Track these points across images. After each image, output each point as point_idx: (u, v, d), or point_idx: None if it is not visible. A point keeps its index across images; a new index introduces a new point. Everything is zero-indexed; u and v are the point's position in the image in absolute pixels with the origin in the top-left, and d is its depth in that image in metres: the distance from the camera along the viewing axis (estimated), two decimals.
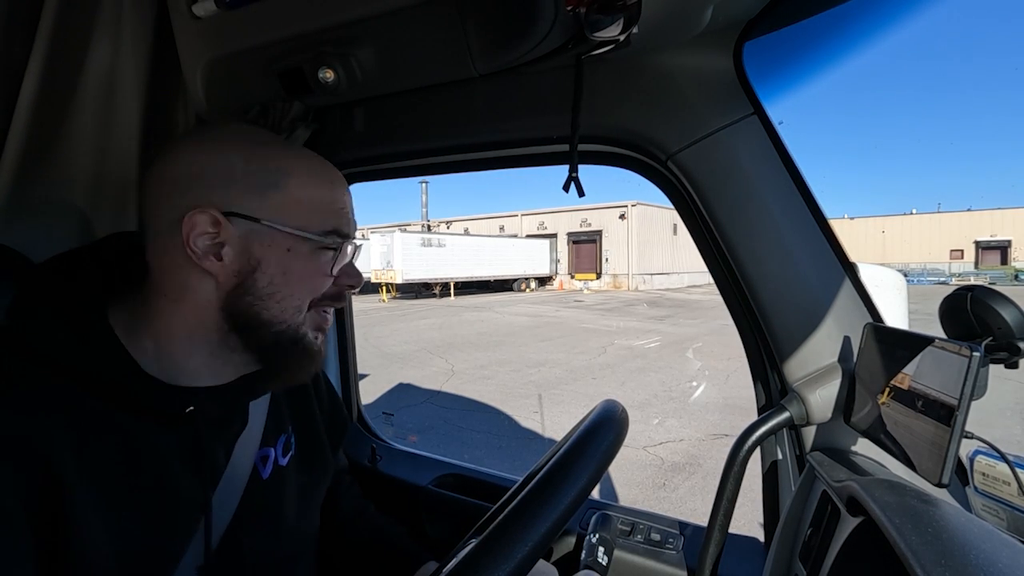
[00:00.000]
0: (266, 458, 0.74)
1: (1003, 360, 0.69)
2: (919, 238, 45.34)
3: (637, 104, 0.91)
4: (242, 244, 0.62)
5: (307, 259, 0.64)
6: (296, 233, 0.63)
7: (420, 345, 10.47)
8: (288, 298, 0.64)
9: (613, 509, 1.16)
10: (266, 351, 0.65)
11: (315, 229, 0.64)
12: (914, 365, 0.68)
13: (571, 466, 0.56)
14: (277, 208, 0.63)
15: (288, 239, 0.63)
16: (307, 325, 0.67)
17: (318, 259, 0.65)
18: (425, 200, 35.60)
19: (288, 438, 0.79)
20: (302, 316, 0.66)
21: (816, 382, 0.85)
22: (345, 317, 1.45)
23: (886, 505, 0.61)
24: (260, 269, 0.62)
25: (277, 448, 0.76)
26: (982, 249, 41.78)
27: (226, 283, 0.62)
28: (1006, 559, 0.51)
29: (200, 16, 0.96)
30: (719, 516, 0.86)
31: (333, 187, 0.67)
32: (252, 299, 0.63)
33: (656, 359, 8.76)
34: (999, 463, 0.74)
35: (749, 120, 0.87)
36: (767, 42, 0.86)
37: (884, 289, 0.90)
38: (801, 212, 0.87)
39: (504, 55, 0.86)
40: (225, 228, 0.61)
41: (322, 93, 0.94)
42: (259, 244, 0.62)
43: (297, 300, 0.65)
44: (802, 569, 0.80)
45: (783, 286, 0.88)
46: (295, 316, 0.65)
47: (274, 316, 0.64)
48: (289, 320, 0.65)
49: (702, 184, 0.89)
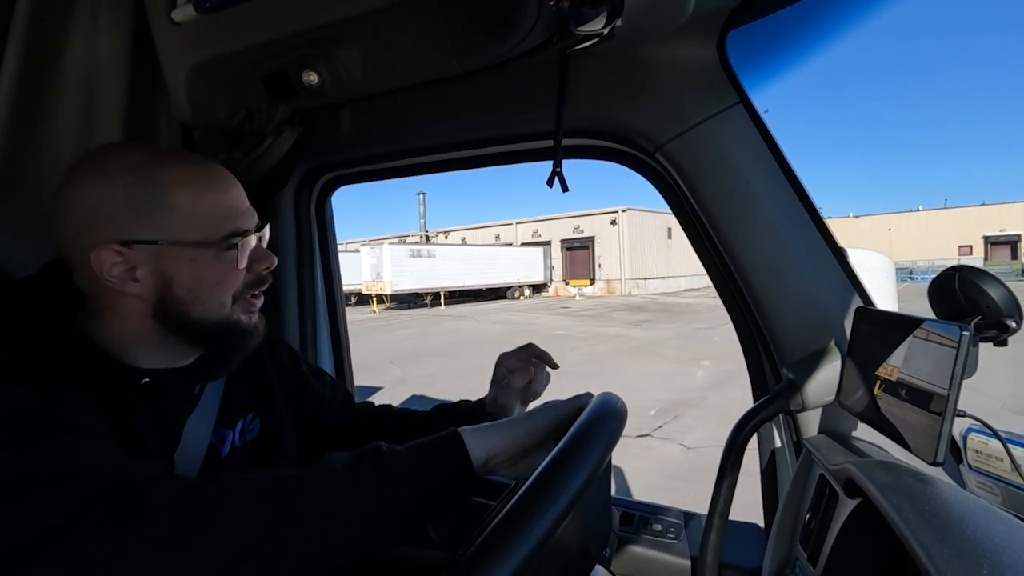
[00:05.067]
0: (224, 439, 0.79)
1: (992, 338, 0.70)
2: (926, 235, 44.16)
3: (624, 97, 0.91)
4: (151, 264, 0.66)
5: (213, 263, 0.69)
6: (195, 244, 0.67)
7: (387, 356, 10.59)
8: (209, 299, 0.69)
9: (614, 501, 1.17)
10: (205, 341, 0.72)
11: (212, 236, 0.68)
12: (905, 347, 0.68)
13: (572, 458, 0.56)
14: (170, 227, 0.66)
15: (190, 250, 0.67)
16: (237, 313, 0.73)
17: (224, 260, 0.69)
18: (423, 211, 35.74)
19: (246, 423, 0.83)
20: (228, 309, 0.71)
21: (810, 367, 0.85)
22: (340, 324, 1.44)
23: (883, 486, 0.62)
24: (175, 282, 0.68)
25: (235, 431, 0.80)
26: (991, 244, 40.49)
27: (149, 299, 0.68)
28: (1002, 533, 0.51)
29: (179, 22, 0.95)
30: (719, 504, 0.86)
31: (217, 190, 0.70)
32: (177, 307, 0.68)
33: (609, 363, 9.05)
34: (991, 440, 0.75)
35: (735, 109, 0.87)
36: (750, 31, 0.87)
37: (873, 272, 0.90)
38: (789, 199, 0.88)
39: (489, 51, 0.86)
40: (130, 255, 0.66)
41: (307, 95, 0.93)
42: (166, 261, 0.67)
43: (218, 299, 0.70)
44: (802, 552, 0.81)
45: (774, 273, 0.88)
46: (221, 311, 0.71)
47: (201, 316, 0.69)
48: (217, 315, 0.70)
49: (690, 174, 0.90)
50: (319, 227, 1.37)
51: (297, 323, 1.31)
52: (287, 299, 1.30)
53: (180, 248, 0.67)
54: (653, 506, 1.15)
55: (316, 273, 1.37)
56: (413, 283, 23.33)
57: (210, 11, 0.93)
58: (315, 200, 1.34)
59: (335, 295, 1.42)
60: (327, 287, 1.40)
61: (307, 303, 1.32)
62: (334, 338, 1.43)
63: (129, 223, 0.65)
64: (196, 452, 0.75)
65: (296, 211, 1.29)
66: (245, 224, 0.72)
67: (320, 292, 1.38)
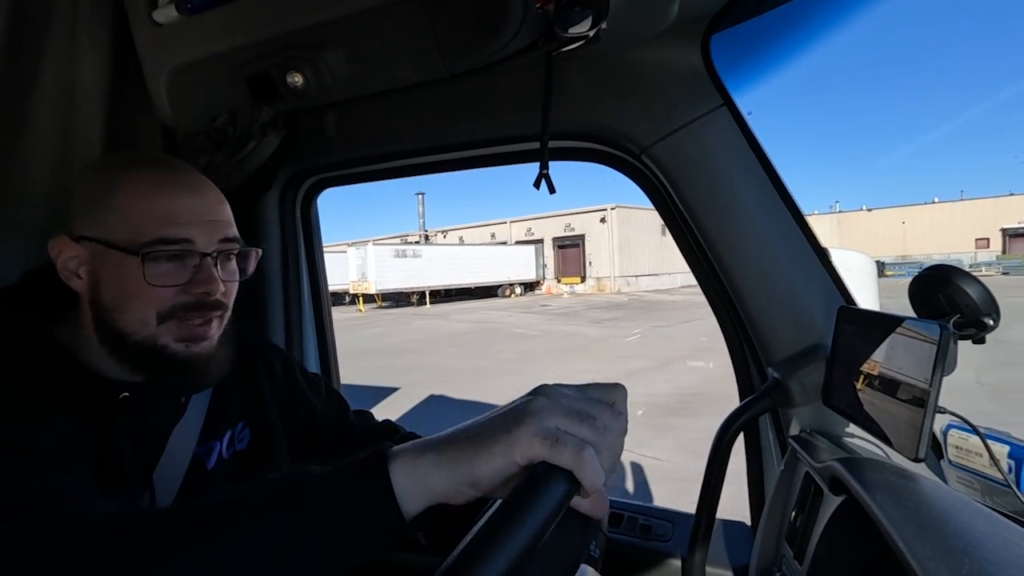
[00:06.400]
0: (211, 451, 0.76)
1: (971, 336, 0.71)
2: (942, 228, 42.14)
3: (609, 99, 0.92)
4: (91, 264, 0.65)
5: (135, 273, 0.63)
6: (120, 247, 0.63)
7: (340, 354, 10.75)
8: (128, 312, 0.64)
9: None
10: (131, 361, 0.67)
11: (138, 241, 0.63)
12: (887, 345, 0.70)
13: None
14: (106, 226, 0.64)
15: (116, 254, 0.63)
16: (165, 336, 0.66)
17: (150, 271, 0.63)
18: (422, 211, 35.73)
19: (235, 433, 0.80)
20: (152, 328, 0.65)
21: (794, 366, 0.87)
22: (326, 327, 1.43)
23: (867, 482, 0.63)
24: (102, 286, 0.65)
25: (223, 442, 0.78)
26: (1009, 236, 37.91)
27: (87, 300, 0.66)
28: (982, 528, 0.52)
29: (161, 23, 0.94)
30: (707, 503, 0.87)
31: (165, 194, 0.65)
32: (104, 314, 0.65)
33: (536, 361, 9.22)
34: (971, 436, 0.76)
35: (719, 112, 0.88)
36: (733, 35, 0.88)
37: (855, 272, 0.92)
38: (773, 200, 0.89)
39: (474, 54, 0.86)
40: (79, 250, 0.65)
41: (291, 98, 0.92)
42: (99, 261, 0.65)
43: (138, 313, 0.64)
44: (789, 550, 0.82)
45: (758, 273, 0.89)
46: (143, 328, 0.65)
47: (124, 330, 0.65)
48: (140, 332, 0.65)
49: (676, 176, 0.90)
50: (305, 230, 1.36)
51: (283, 326, 1.30)
52: (273, 303, 1.28)
53: (108, 250, 0.63)
54: (642, 506, 1.16)
55: (302, 276, 1.36)
56: (398, 283, 23.64)
57: (192, 12, 0.91)
58: (300, 203, 1.32)
59: (321, 297, 1.41)
60: (313, 289, 1.39)
61: (293, 307, 1.31)
62: (320, 341, 1.42)
63: (80, 216, 0.65)
64: (178, 465, 0.72)
65: (281, 214, 1.28)
66: (181, 233, 0.64)
67: (306, 295, 1.37)
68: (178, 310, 0.66)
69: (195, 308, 0.67)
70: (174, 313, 0.66)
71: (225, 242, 0.69)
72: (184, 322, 0.67)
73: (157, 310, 0.65)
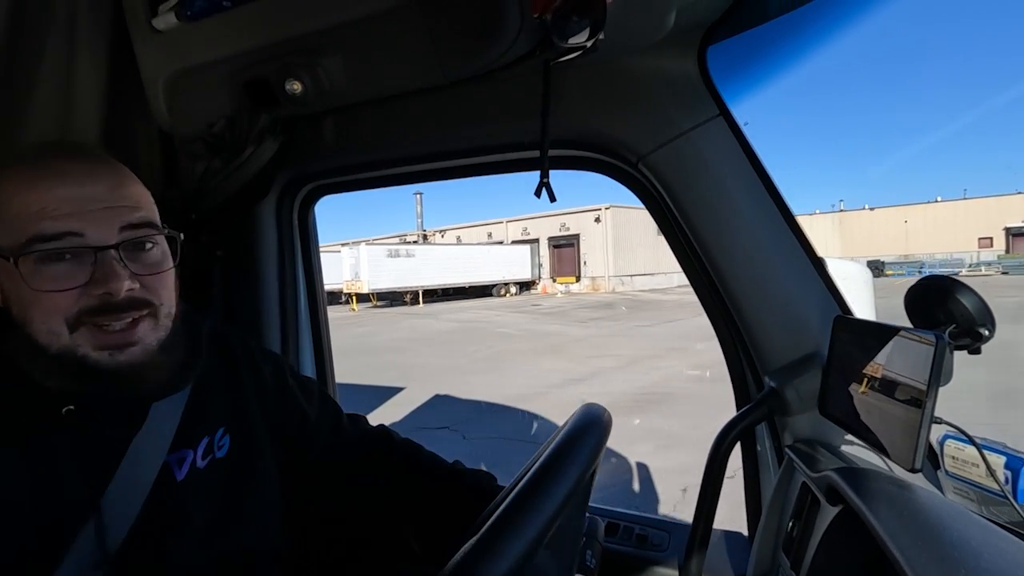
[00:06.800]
0: (183, 460, 0.71)
1: (966, 346, 0.71)
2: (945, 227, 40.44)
3: (606, 108, 0.92)
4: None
5: (24, 280, 0.57)
6: (3, 254, 0.57)
7: None
8: (33, 323, 0.59)
9: (598, 511, 1.16)
10: (58, 375, 0.61)
11: (15, 243, 0.57)
12: (883, 355, 0.70)
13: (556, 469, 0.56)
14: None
15: (5, 264, 0.57)
16: (84, 346, 0.59)
17: (34, 276, 0.57)
18: (420, 211, 35.79)
19: (213, 441, 0.75)
20: (65, 338, 0.59)
21: (791, 375, 0.87)
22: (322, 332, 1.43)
23: (864, 492, 0.63)
24: (8, 300, 0.60)
25: (197, 450, 0.72)
26: (1013, 236, 36.55)
27: (11, 315, 0.61)
28: (978, 538, 0.52)
29: (161, 29, 0.94)
30: (703, 512, 0.87)
31: (36, 186, 0.57)
32: (18, 328, 0.60)
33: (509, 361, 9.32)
34: (967, 446, 0.76)
35: (715, 121, 0.89)
36: (730, 45, 0.88)
37: (851, 282, 0.92)
38: (769, 209, 0.89)
39: (472, 62, 0.87)
40: None
41: (289, 104, 0.92)
42: (1, 274, 0.59)
43: (44, 325, 0.58)
44: (785, 560, 0.82)
45: (754, 282, 0.89)
46: (56, 340, 0.59)
47: (38, 341, 0.59)
48: (54, 344, 0.59)
49: (672, 185, 0.91)
50: (302, 236, 1.35)
51: (279, 332, 1.29)
52: (268, 308, 1.28)
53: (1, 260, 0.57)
54: (638, 516, 1.15)
55: (299, 282, 1.35)
56: (391, 282, 23.92)
57: (192, 19, 0.92)
58: (297, 209, 1.32)
59: (318, 303, 1.41)
60: (309, 295, 1.39)
61: (289, 312, 1.31)
62: (316, 346, 1.42)
63: None
64: (142, 478, 0.66)
65: (278, 220, 1.28)
66: (59, 227, 0.57)
67: (303, 300, 1.37)
68: (85, 315, 0.59)
69: (104, 312, 0.59)
70: (82, 320, 0.59)
71: (130, 229, 0.61)
72: (100, 328, 0.59)
73: (64, 317, 0.58)
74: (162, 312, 0.65)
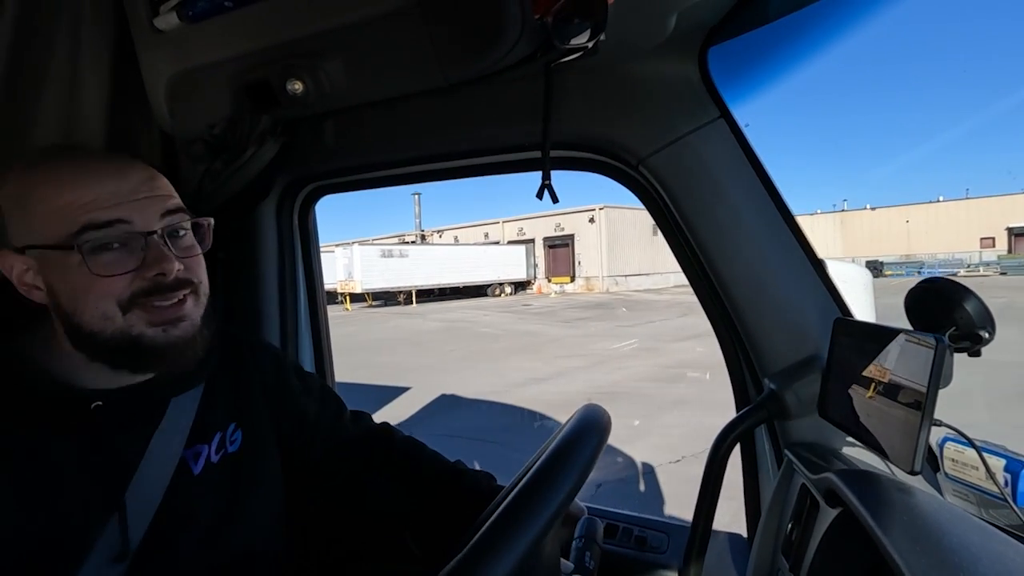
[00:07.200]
0: (198, 455, 0.74)
1: (966, 349, 0.71)
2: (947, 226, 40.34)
3: (607, 110, 0.92)
4: (42, 272, 0.63)
5: (80, 268, 0.60)
6: (56, 246, 0.60)
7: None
8: (88, 310, 0.62)
9: (598, 512, 1.16)
10: (111, 361, 0.64)
11: (69, 233, 0.60)
12: (883, 357, 0.70)
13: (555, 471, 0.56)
14: (37, 227, 0.61)
15: (56, 255, 0.61)
16: (138, 325, 0.63)
17: (94, 262, 0.60)
18: (418, 211, 35.90)
19: (225, 436, 0.78)
20: (120, 320, 0.62)
21: (790, 377, 0.87)
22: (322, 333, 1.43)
23: (863, 495, 0.63)
24: (57, 291, 0.62)
25: (211, 445, 0.75)
26: (1015, 236, 36.34)
27: (52, 309, 0.64)
28: (977, 543, 0.52)
29: (163, 30, 0.94)
30: (702, 514, 0.87)
31: (79, 181, 0.62)
32: (68, 319, 0.63)
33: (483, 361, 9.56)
34: (967, 449, 0.76)
35: (716, 124, 0.89)
36: (731, 48, 0.88)
37: (851, 284, 0.92)
38: (769, 212, 0.89)
39: (473, 64, 0.87)
40: (28, 262, 0.62)
41: (291, 106, 0.92)
42: (47, 267, 0.62)
43: (97, 309, 0.62)
44: (784, 563, 0.82)
45: (754, 284, 0.90)
46: (109, 323, 0.62)
47: (90, 329, 0.62)
48: (107, 327, 0.62)
49: (673, 187, 0.91)
50: (302, 236, 1.36)
51: (279, 331, 1.30)
52: (268, 308, 1.28)
53: (49, 252, 0.61)
54: (638, 518, 1.15)
55: (299, 282, 1.35)
56: (384, 282, 24.12)
57: (193, 20, 0.92)
58: (298, 210, 1.33)
59: (317, 303, 1.41)
60: (309, 296, 1.39)
61: (288, 312, 1.31)
62: (316, 347, 1.42)
63: (13, 228, 0.62)
64: (161, 472, 0.69)
65: (278, 221, 1.28)
66: (111, 215, 0.61)
67: (303, 301, 1.37)
68: (139, 297, 0.63)
69: (156, 292, 0.63)
70: (135, 301, 0.62)
71: (169, 215, 0.65)
72: (153, 308, 0.63)
73: (116, 300, 0.62)
74: (201, 290, 0.70)
